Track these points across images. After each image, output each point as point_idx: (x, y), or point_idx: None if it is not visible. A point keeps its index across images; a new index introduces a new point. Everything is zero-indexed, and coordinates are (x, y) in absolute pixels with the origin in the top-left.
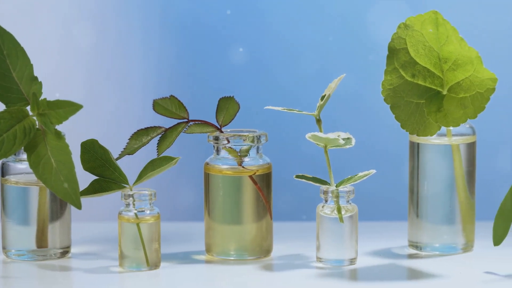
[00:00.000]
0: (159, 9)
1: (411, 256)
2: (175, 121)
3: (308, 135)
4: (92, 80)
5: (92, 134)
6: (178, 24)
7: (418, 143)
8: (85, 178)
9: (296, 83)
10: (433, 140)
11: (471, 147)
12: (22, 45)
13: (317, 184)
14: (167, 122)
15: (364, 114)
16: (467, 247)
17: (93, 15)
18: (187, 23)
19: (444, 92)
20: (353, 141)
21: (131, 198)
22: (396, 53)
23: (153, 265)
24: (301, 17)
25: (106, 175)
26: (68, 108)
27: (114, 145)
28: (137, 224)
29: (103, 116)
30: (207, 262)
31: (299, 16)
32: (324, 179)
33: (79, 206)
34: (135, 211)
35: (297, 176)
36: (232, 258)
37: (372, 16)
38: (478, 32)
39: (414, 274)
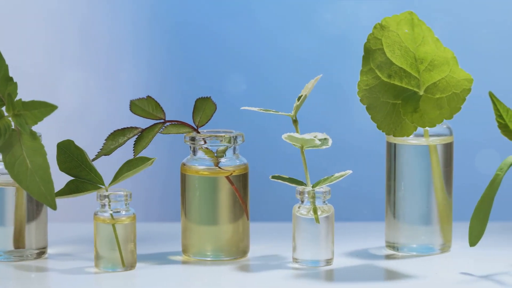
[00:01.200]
0: (148, 11)
1: (388, 257)
2: (152, 122)
3: (284, 136)
4: (80, 82)
5: (80, 134)
6: (166, 27)
7: (395, 144)
8: (61, 179)
9: (278, 84)
10: (410, 140)
11: (448, 147)
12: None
13: (293, 185)
14: (145, 123)
15: (343, 114)
16: (445, 247)
17: (82, 17)
18: (172, 25)
19: (421, 93)
20: (330, 141)
21: (106, 199)
22: (372, 53)
23: (129, 265)
24: (284, 17)
25: (82, 175)
26: (43, 108)
27: (99, 146)
28: (113, 225)
29: (92, 117)
30: (184, 262)
31: (281, 16)
32: (300, 180)
33: (54, 207)
34: (111, 212)
35: (273, 177)
36: (208, 259)
37: (354, 16)
38: (453, 32)
39: (390, 275)
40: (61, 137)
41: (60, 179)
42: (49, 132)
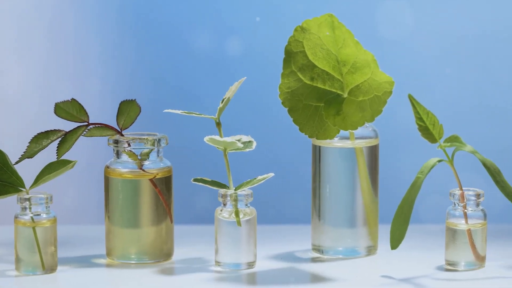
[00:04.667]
0: (115, 11)
1: (313, 260)
2: (76, 124)
3: (206, 138)
4: (47, 81)
5: None
6: (134, 27)
7: (319, 146)
8: None
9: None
10: (336, 143)
11: (373, 150)
12: None
13: (215, 188)
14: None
15: (271, 116)
16: (371, 250)
17: (50, 16)
18: (140, 25)
19: (345, 95)
20: (254, 144)
21: (27, 202)
22: (293, 56)
23: (49, 268)
24: (217, 20)
25: (3, 178)
26: None
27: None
28: (33, 228)
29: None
30: (108, 266)
31: (215, 20)
32: (223, 183)
33: None
34: (31, 215)
35: (195, 180)
36: (132, 262)
37: (280, 17)
38: (377, 35)
39: (310, 278)
40: (26, 140)
41: None
42: (14, 135)
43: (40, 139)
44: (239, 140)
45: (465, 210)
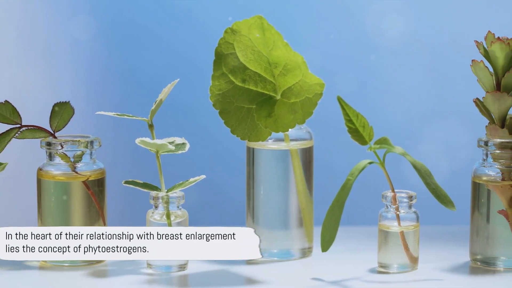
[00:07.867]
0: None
1: (247, 262)
2: (9, 127)
3: (137, 140)
4: (18, 81)
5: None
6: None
7: (253, 148)
8: None
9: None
10: (270, 145)
11: (308, 151)
12: None
13: (147, 190)
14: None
15: (208, 118)
16: (306, 252)
17: (20, 15)
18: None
19: (278, 97)
20: (187, 146)
21: None
22: (224, 58)
23: None
24: (151, 15)
25: None
26: None
27: None
28: None
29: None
30: (41, 268)
31: (170, 20)
32: (155, 185)
33: None
34: None
35: (127, 182)
36: (65, 265)
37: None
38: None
39: (243, 281)
40: None
41: None
42: None
43: None
44: (172, 142)
45: (398, 212)
